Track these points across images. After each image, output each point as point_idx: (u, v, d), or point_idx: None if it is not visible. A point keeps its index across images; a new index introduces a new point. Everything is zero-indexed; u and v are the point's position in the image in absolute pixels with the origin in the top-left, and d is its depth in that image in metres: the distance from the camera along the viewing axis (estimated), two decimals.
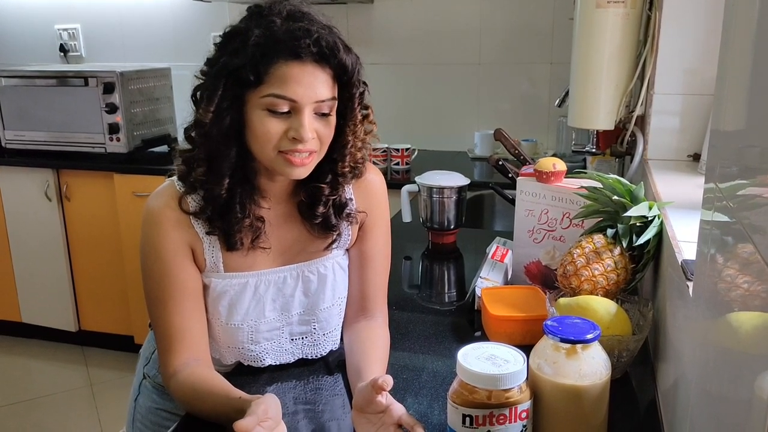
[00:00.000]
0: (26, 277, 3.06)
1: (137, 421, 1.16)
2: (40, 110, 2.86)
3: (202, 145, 0.95)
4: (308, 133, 0.92)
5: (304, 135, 0.92)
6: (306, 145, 0.93)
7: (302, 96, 0.91)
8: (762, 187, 0.50)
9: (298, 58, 0.90)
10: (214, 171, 0.95)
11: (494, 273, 1.30)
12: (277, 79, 0.90)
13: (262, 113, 0.92)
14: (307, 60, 0.91)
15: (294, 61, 0.90)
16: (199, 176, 0.95)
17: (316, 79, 0.92)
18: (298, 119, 0.92)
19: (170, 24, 3.21)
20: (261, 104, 0.91)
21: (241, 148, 0.95)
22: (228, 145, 0.94)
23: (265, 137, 0.92)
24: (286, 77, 0.90)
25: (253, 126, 0.93)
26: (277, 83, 0.90)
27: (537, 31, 2.75)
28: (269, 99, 0.91)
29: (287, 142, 0.93)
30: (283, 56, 0.90)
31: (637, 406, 0.99)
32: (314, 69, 0.91)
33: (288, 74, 0.90)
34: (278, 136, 0.92)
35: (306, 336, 1.09)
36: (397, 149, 2.62)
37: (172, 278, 0.98)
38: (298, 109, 0.92)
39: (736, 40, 0.61)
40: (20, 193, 2.93)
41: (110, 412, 2.63)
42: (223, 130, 0.93)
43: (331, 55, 0.92)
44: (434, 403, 0.96)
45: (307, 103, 0.91)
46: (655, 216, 1.04)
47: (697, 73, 1.40)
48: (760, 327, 0.48)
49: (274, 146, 0.93)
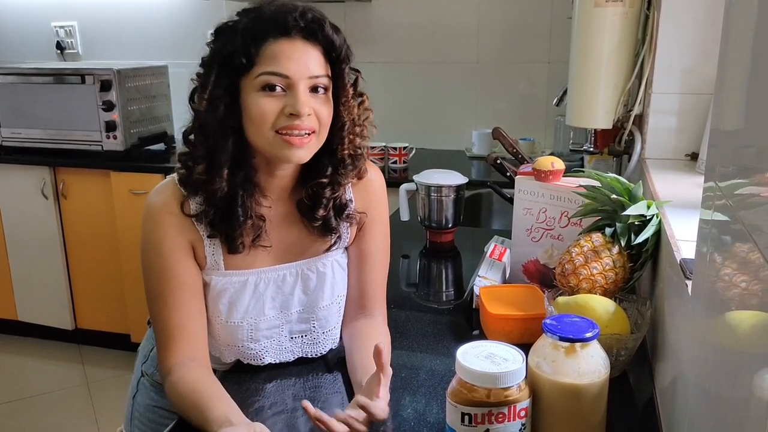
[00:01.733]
0: (22, 275, 3.05)
1: (135, 418, 1.16)
2: (36, 108, 2.85)
3: (201, 142, 0.96)
4: (304, 107, 0.92)
5: (300, 109, 0.92)
6: (304, 121, 0.93)
7: (295, 71, 0.92)
8: (762, 186, 0.50)
9: (287, 34, 0.92)
10: (214, 165, 0.95)
11: (492, 272, 1.30)
12: (268, 58, 0.92)
13: (257, 95, 0.93)
14: (296, 36, 0.93)
15: (283, 38, 0.92)
16: (200, 174, 0.95)
17: (307, 54, 0.93)
18: (293, 95, 0.93)
19: (167, 22, 3.20)
20: (255, 85, 0.92)
21: (238, 139, 0.95)
22: (224, 134, 0.94)
23: (262, 117, 0.93)
24: (277, 54, 0.92)
25: (249, 109, 0.93)
26: (269, 61, 0.92)
27: (535, 30, 2.76)
28: (262, 78, 0.92)
29: (284, 119, 0.93)
30: (272, 34, 0.92)
31: (635, 405, 0.99)
32: (304, 45, 0.93)
33: (278, 51, 0.92)
34: (275, 114, 0.93)
35: (305, 334, 1.09)
36: (395, 148, 2.62)
37: (172, 274, 0.98)
38: (293, 85, 0.92)
39: (736, 39, 0.61)
40: (17, 190, 2.92)
41: (107, 411, 2.62)
42: (218, 119, 0.93)
43: (318, 29, 0.94)
44: (432, 402, 0.96)
45: (301, 79, 0.92)
46: (654, 215, 1.04)
47: (696, 72, 1.41)
48: (759, 326, 0.48)
49: (271, 125, 0.93)
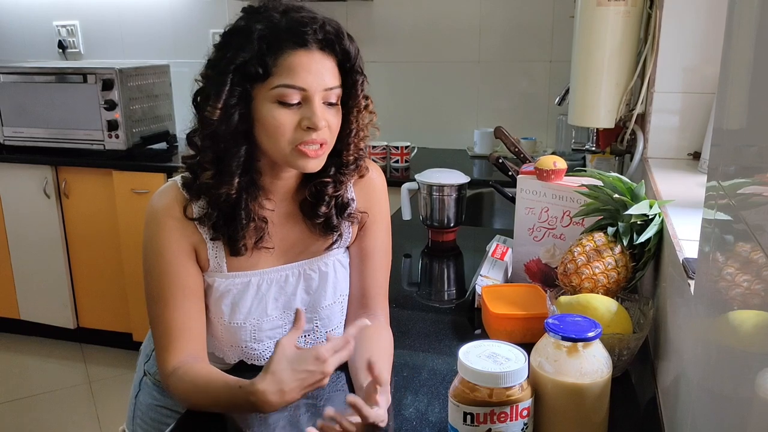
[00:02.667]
0: (25, 274, 3.05)
1: (137, 418, 1.16)
2: (38, 107, 2.86)
3: (209, 147, 0.94)
4: (321, 121, 0.92)
5: (317, 123, 0.91)
6: (319, 134, 0.93)
7: (311, 84, 0.91)
8: (765, 185, 0.50)
9: (305, 46, 0.91)
10: (224, 172, 0.94)
11: (494, 271, 1.30)
12: (285, 70, 0.90)
13: (272, 106, 0.91)
14: (313, 48, 0.92)
15: (301, 49, 0.91)
16: (206, 180, 0.94)
17: (323, 66, 0.92)
18: (310, 108, 0.92)
19: (169, 21, 3.20)
20: (270, 97, 0.91)
21: (250, 146, 0.95)
22: (237, 143, 0.93)
23: (279, 130, 0.92)
24: (294, 66, 0.90)
25: (265, 120, 0.92)
26: (286, 73, 0.90)
27: (537, 29, 2.75)
28: (279, 90, 0.91)
29: (301, 133, 0.92)
30: (290, 46, 0.91)
31: (637, 405, 0.99)
32: (321, 57, 0.92)
33: (296, 63, 0.90)
34: (292, 128, 0.92)
35: (308, 334, 1.09)
36: (397, 147, 2.61)
37: (173, 276, 0.98)
38: (309, 98, 0.92)
39: (739, 38, 0.61)
40: (19, 190, 2.92)
41: (109, 410, 2.62)
42: (231, 128, 0.92)
43: (336, 41, 0.93)
44: (434, 401, 0.96)
45: (317, 91, 0.92)
46: (656, 214, 1.04)
47: (698, 71, 1.41)
48: (761, 325, 0.48)
49: (289, 140, 0.93)
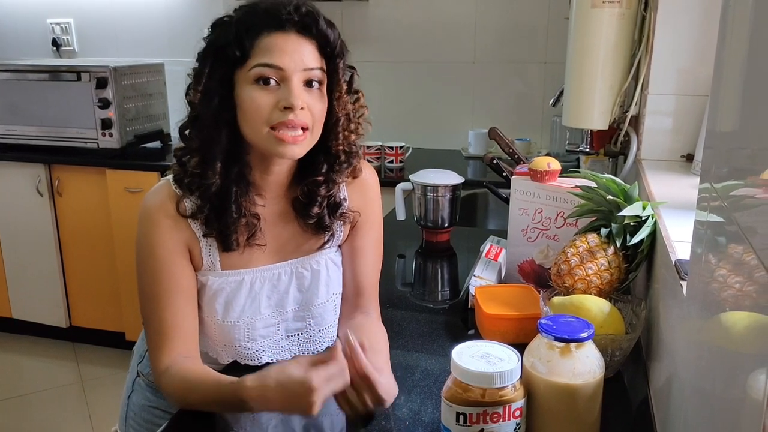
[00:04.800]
0: (17, 272, 3.03)
1: (130, 418, 1.15)
2: (32, 105, 2.84)
3: (195, 135, 0.96)
4: (298, 100, 0.92)
5: (294, 101, 0.92)
6: (297, 116, 0.92)
7: (288, 63, 0.92)
8: (757, 187, 0.50)
9: (281, 28, 0.92)
10: (207, 159, 0.95)
11: (488, 271, 1.30)
12: (263, 50, 0.92)
13: (251, 88, 0.92)
14: (290, 30, 0.93)
15: (277, 31, 0.92)
16: (193, 168, 0.95)
17: (301, 46, 0.93)
18: (287, 87, 0.92)
19: (164, 19, 3.19)
20: (249, 78, 0.92)
21: (231, 132, 0.95)
22: (218, 127, 0.94)
23: (256, 112, 0.92)
24: (271, 47, 0.92)
25: (243, 103, 0.93)
26: (263, 53, 0.92)
27: (532, 30, 2.76)
28: (257, 69, 0.92)
29: (278, 114, 0.92)
30: (267, 28, 0.92)
31: (629, 405, 0.99)
32: (298, 38, 0.94)
33: (273, 44, 0.92)
34: (269, 108, 0.92)
35: (302, 332, 1.09)
36: (391, 147, 2.61)
37: (166, 275, 0.97)
38: (287, 78, 0.92)
39: (732, 41, 0.61)
40: (11, 188, 2.90)
41: (101, 409, 2.61)
42: (212, 111, 0.93)
43: (313, 23, 0.94)
44: (427, 401, 0.96)
45: (295, 71, 0.92)
46: (649, 216, 1.05)
47: (691, 73, 1.41)
48: (753, 326, 0.49)
49: (265, 120, 0.93)
